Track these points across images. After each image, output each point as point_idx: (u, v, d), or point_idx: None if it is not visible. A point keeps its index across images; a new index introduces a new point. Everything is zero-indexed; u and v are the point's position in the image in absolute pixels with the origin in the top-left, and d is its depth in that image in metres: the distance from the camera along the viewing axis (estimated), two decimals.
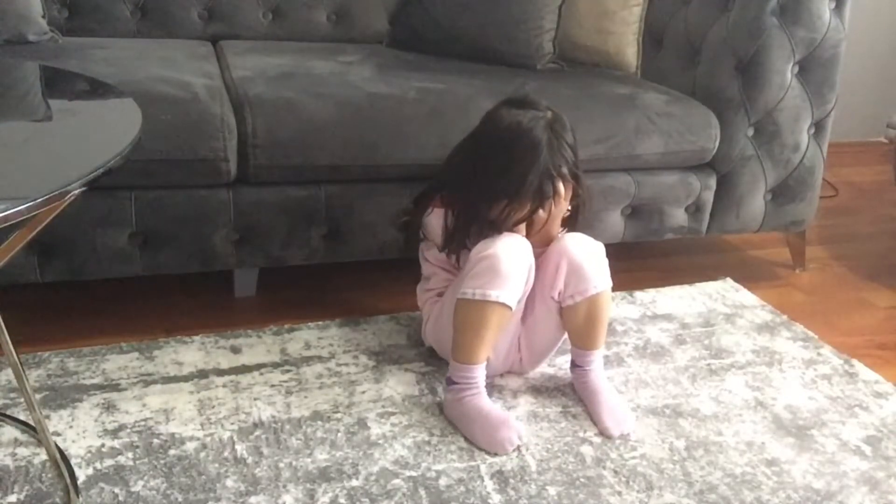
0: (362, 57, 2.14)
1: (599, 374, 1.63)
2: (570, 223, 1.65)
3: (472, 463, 1.43)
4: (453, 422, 1.53)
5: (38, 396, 1.50)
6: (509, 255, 1.48)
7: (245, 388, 1.58)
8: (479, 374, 1.53)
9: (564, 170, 1.52)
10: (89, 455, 1.38)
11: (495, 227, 1.54)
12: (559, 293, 1.56)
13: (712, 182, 2.10)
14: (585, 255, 1.54)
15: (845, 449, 1.55)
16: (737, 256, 2.43)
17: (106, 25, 2.19)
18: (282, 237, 1.80)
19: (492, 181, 1.51)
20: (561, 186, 1.53)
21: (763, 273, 2.32)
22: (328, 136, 1.74)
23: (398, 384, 1.64)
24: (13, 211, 0.91)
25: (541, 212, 1.53)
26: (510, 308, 1.49)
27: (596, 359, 1.62)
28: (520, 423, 1.51)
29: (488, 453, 1.46)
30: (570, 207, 1.61)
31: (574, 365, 1.65)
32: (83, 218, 1.64)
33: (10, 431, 1.42)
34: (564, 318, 1.59)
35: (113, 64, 1.83)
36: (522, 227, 1.56)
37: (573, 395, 1.64)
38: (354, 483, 1.36)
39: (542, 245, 1.58)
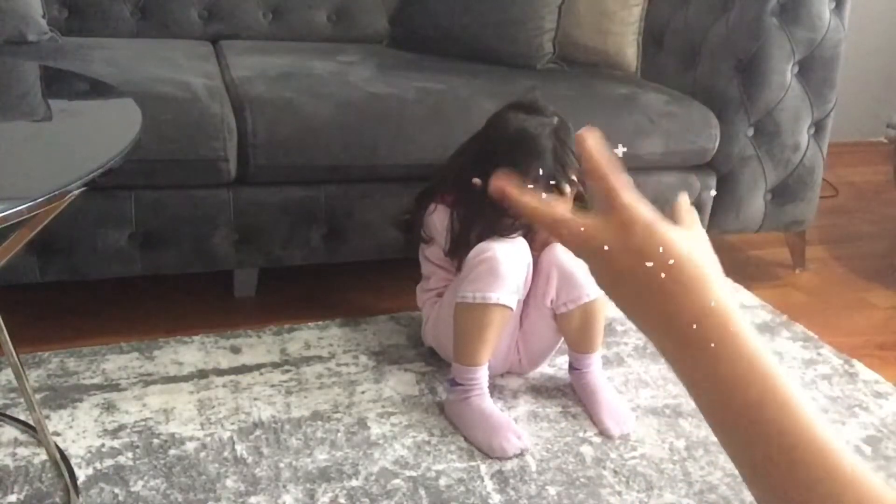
0: (362, 57, 2.14)
1: (598, 374, 1.63)
2: None
3: (472, 463, 1.43)
4: (454, 422, 1.52)
5: (38, 396, 1.50)
6: (507, 256, 1.48)
7: (245, 388, 1.58)
8: (482, 375, 1.53)
9: (570, 177, 1.52)
10: (89, 455, 1.38)
11: (498, 233, 1.53)
12: (552, 301, 1.56)
13: (712, 182, 2.10)
14: (576, 262, 1.53)
15: None
16: (737, 256, 2.43)
17: (106, 25, 2.19)
18: (282, 237, 1.80)
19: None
20: (567, 190, 1.52)
21: (763, 273, 2.32)
22: (328, 136, 1.74)
23: (398, 384, 1.64)
24: (13, 211, 0.92)
25: None
26: (511, 308, 1.49)
27: (594, 361, 1.62)
28: (520, 430, 1.50)
29: (488, 454, 1.45)
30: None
31: (572, 367, 1.65)
32: (83, 218, 1.64)
33: (10, 431, 1.42)
34: (559, 324, 1.59)
35: (113, 64, 1.83)
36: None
37: (573, 395, 1.64)
38: (354, 483, 1.36)
39: (541, 249, 1.58)
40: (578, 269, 1.53)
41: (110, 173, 1.06)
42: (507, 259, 1.47)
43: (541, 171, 1.48)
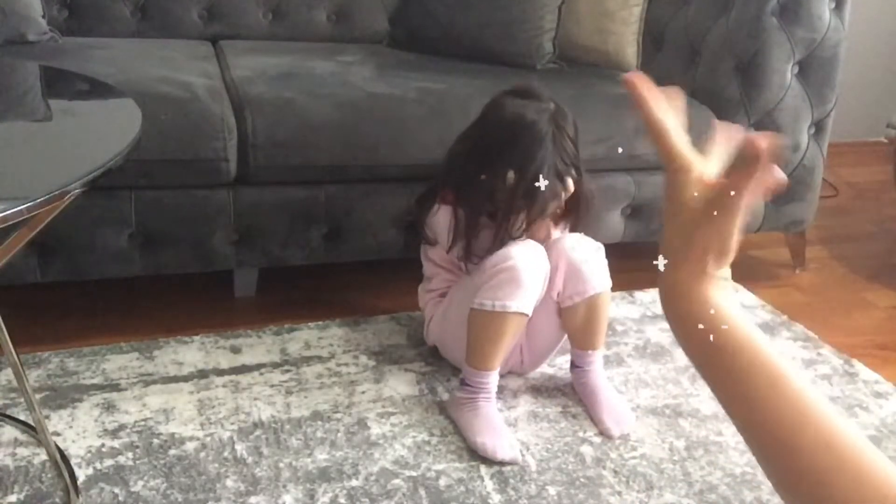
0: (362, 57, 2.14)
1: (599, 374, 1.63)
2: (573, 219, 1.64)
3: (472, 463, 1.43)
4: (456, 421, 1.52)
5: (38, 396, 1.50)
6: (528, 265, 1.47)
7: (245, 388, 1.58)
8: (493, 380, 1.53)
9: (568, 165, 1.52)
10: (89, 455, 1.38)
11: (501, 228, 1.53)
12: (558, 294, 1.56)
13: None
14: (584, 256, 1.54)
15: None
16: (737, 256, 2.42)
17: (106, 25, 2.19)
18: (282, 237, 1.80)
19: (499, 183, 1.50)
20: (570, 182, 1.52)
21: (763, 273, 2.32)
22: (328, 136, 1.74)
23: (398, 384, 1.64)
24: (13, 211, 0.92)
25: (546, 213, 1.53)
26: (528, 316, 1.49)
27: (596, 359, 1.62)
28: (518, 446, 1.48)
29: (483, 456, 1.45)
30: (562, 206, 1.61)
31: (574, 365, 1.65)
32: (83, 218, 1.64)
33: (10, 431, 1.42)
34: (564, 318, 1.58)
35: (113, 64, 1.83)
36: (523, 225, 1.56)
37: (573, 395, 1.64)
38: (354, 483, 1.36)
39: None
40: (586, 262, 1.53)
41: (110, 173, 1.06)
42: (528, 268, 1.47)
43: (542, 159, 1.48)
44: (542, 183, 1.42)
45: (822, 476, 0.48)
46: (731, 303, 0.55)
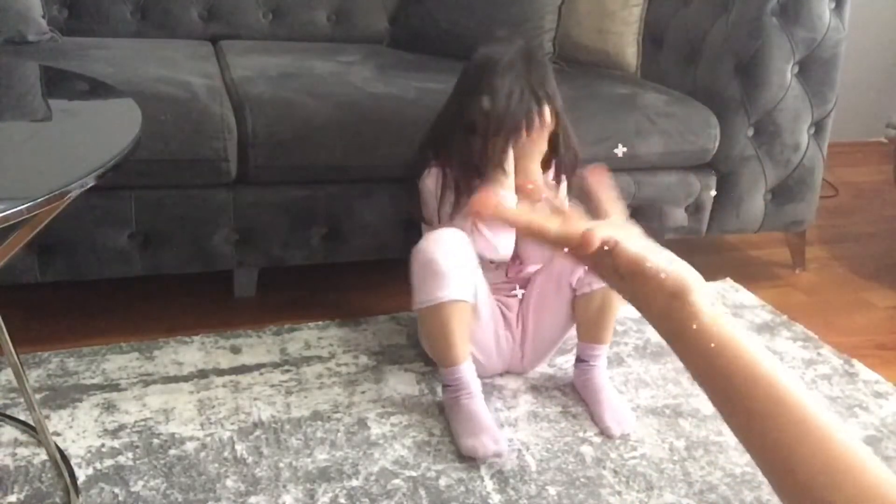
0: (362, 57, 2.14)
1: (602, 371, 1.63)
2: (557, 163, 1.63)
3: (472, 463, 1.43)
4: (449, 424, 1.52)
5: (38, 396, 1.50)
6: (444, 253, 1.48)
7: (245, 388, 1.58)
8: (465, 374, 1.51)
9: (542, 92, 1.52)
10: (89, 455, 1.38)
11: (484, 161, 1.53)
12: (577, 279, 1.56)
13: (712, 182, 2.10)
14: None
15: None
16: (737, 256, 2.43)
17: (106, 25, 2.19)
18: (282, 237, 1.81)
19: (475, 111, 1.52)
20: (547, 111, 1.52)
21: (763, 273, 2.32)
22: (328, 136, 1.74)
23: (398, 384, 1.64)
24: (13, 211, 0.91)
25: (525, 134, 1.52)
26: (465, 301, 1.49)
27: (601, 355, 1.62)
28: (504, 438, 1.47)
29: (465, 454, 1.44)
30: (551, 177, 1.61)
31: (579, 360, 1.64)
32: (83, 218, 1.64)
33: (10, 431, 1.42)
34: (577, 307, 1.58)
35: (113, 64, 1.83)
36: (510, 166, 1.54)
37: (573, 395, 1.64)
38: (354, 483, 1.36)
39: (526, 198, 1.58)
40: None
41: (110, 173, 1.06)
42: (446, 256, 1.47)
43: (513, 81, 1.49)
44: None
45: (822, 493, 0.49)
46: (720, 324, 0.56)
